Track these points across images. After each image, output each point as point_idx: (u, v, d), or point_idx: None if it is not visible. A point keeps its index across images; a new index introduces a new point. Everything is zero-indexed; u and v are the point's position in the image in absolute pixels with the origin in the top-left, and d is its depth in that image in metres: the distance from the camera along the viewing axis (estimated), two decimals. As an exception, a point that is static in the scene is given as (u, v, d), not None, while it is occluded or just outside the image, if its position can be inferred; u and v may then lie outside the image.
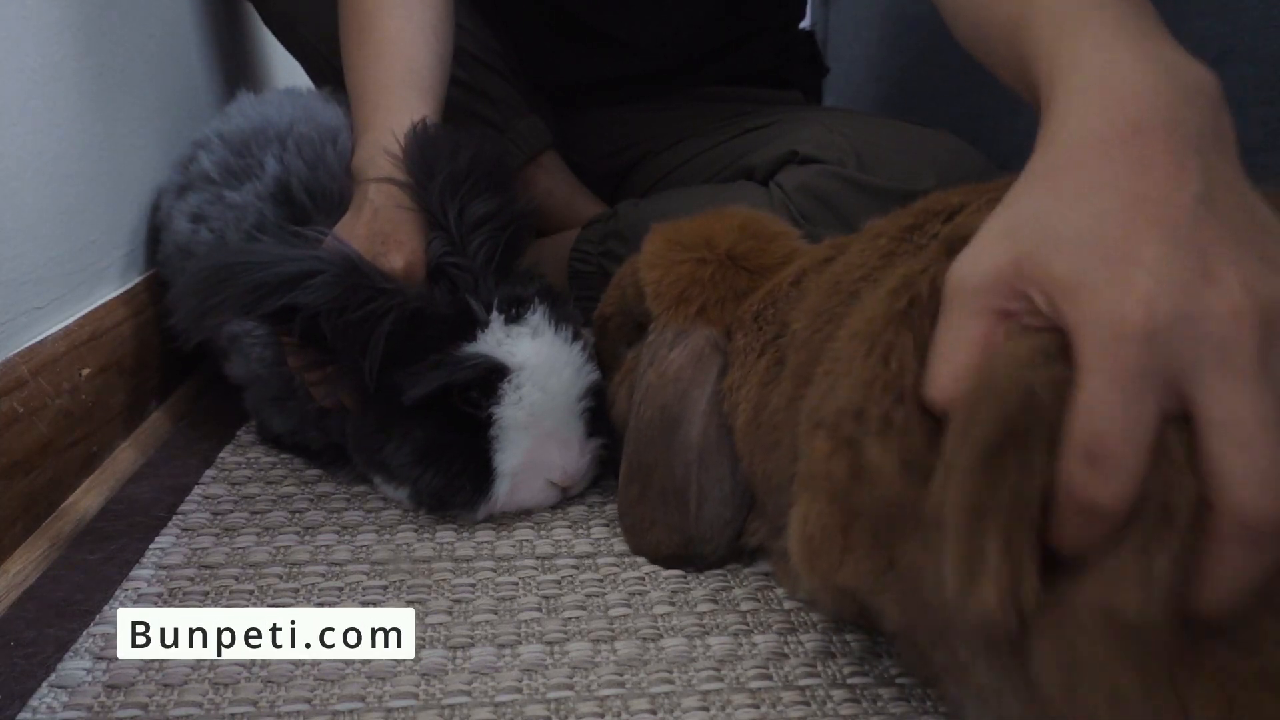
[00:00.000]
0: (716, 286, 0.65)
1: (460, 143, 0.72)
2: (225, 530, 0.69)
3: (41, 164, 0.75)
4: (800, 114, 1.15)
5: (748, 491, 0.62)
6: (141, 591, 0.61)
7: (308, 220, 0.73)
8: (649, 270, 0.67)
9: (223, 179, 0.81)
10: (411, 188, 0.70)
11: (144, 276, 0.92)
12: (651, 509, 0.63)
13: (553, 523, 0.70)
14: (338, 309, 0.62)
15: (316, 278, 0.62)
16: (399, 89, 0.80)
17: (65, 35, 0.79)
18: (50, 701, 0.51)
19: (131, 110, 0.92)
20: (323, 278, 0.62)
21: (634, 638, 0.57)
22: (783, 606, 0.60)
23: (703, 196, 1.06)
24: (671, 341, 0.64)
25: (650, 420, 0.63)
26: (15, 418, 0.67)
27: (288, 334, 0.66)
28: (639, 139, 1.27)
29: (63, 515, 0.71)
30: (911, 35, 1.60)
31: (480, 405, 0.66)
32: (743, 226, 0.68)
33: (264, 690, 0.52)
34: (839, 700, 0.52)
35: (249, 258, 0.63)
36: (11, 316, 0.70)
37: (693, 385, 0.62)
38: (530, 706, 0.51)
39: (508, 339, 0.67)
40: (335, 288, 0.62)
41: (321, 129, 0.81)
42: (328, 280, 0.62)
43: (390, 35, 0.82)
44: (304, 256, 0.63)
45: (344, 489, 0.76)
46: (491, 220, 0.70)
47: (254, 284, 0.61)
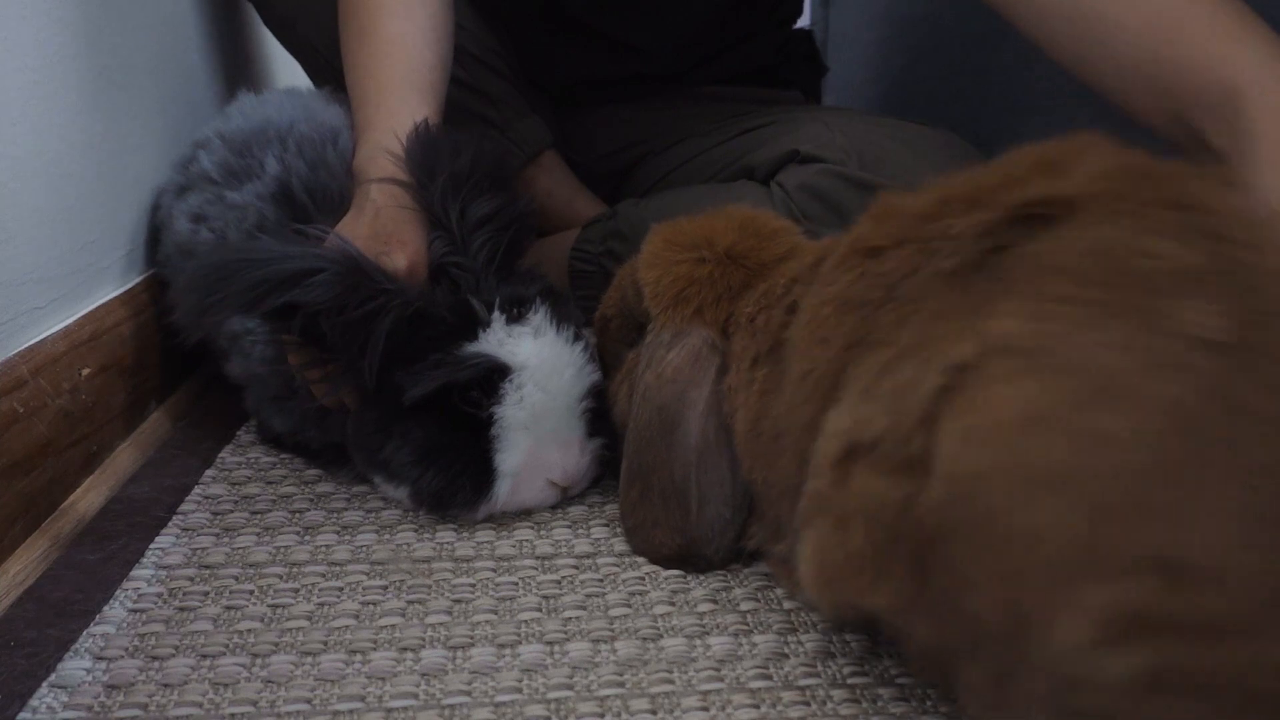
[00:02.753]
0: (715, 286, 0.65)
1: (461, 143, 0.72)
2: (225, 530, 0.69)
3: (41, 164, 0.75)
4: (800, 113, 1.15)
5: (748, 492, 0.62)
6: (141, 591, 0.61)
7: (308, 221, 0.73)
8: (647, 270, 0.67)
9: (223, 179, 0.81)
10: (413, 188, 0.70)
11: (144, 277, 0.92)
12: (653, 510, 0.63)
13: (553, 523, 0.70)
14: (337, 308, 0.63)
15: (317, 276, 0.62)
16: (400, 89, 0.80)
17: (65, 35, 0.79)
18: (50, 701, 0.51)
19: (131, 110, 0.92)
20: (323, 276, 0.62)
21: (634, 638, 0.57)
22: (783, 606, 0.60)
23: (703, 196, 1.06)
24: (669, 342, 0.64)
25: (648, 421, 0.63)
26: (15, 418, 0.67)
27: (288, 332, 0.66)
28: (640, 139, 1.27)
29: (63, 515, 0.71)
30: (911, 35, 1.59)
31: (481, 405, 0.66)
32: (742, 225, 0.68)
33: (264, 690, 0.52)
34: (839, 700, 0.51)
35: (250, 255, 0.63)
36: (11, 316, 0.70)
37: (690, 386, 0.62)
38: (530, 706, 0.51)
39: (509, 339, 0.67)
40: (336, 286, 0.62)
41: (322, 129, 0.81)
42: (328, 279, 0.62)
43: (391, 36, 0.82)
44: (305, 254, 0.63)
45: (344, 489, 0.76)
46: (492, 220, 0.70)
47: (255, 281, 0.61)
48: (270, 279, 0.61)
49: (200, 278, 0.63)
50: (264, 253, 0.63)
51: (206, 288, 0.62)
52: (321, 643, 0.56)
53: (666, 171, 1.23)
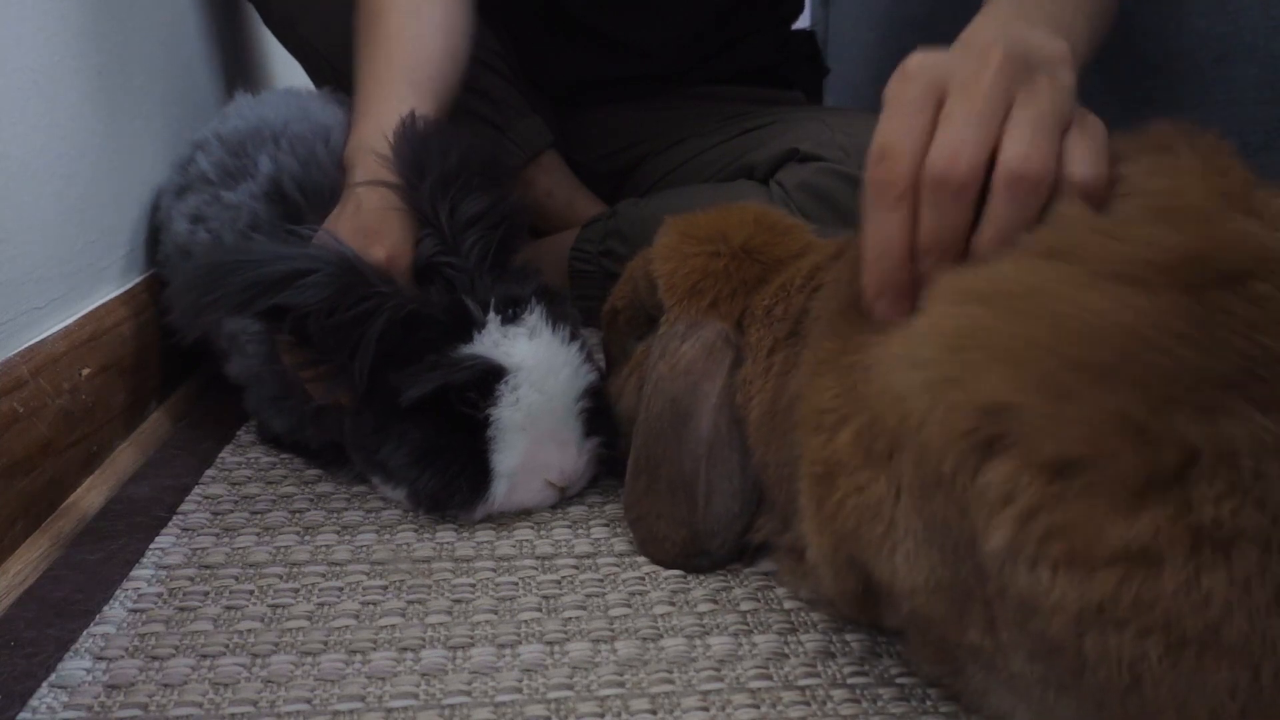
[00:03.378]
0: (729, 279, 0.65)
1: (451, 140, 0.71)
2: (225, 530, 0.69)
3: (42, 164, 0.75)
4: (800, 113, 1.15)
5: (757, 487, 0.62)
6: (141, 591, 0.61)
7: (301, 217, 0.73)
8: (662, 263, 0.67)
9: (220, 179, 0.81)
10: (401, 189, 0.69)
11: (144, 277, 0.92)
12: (659, 502, 0.63)
13: (553, 523, 0.70)
14: (327, 310, 0.62)
15: (310, 277, 0.62)
16: (395, 83, 0.80)
17: (65, 35, 0.79)
18: (50, 701, 0.51)
19: (131, 110, 0.92)
20: (315, 277, 0.62)
21: (634, 638, 0.57)
22: (783, 606, 0.60)
23: (703, 195, 1.06)
24: (683, 334, 0.64)
25: (660, 413, 0.63)
26: (15, 418, 0.67)
27: (281, 333, 0.66)
28: (640, 139, 1.27)
29: (63, 515, 0.71)
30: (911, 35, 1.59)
31: (477, 406, 0.66)
32: (757, 220, 0.68)
33: (264, 690, 0.52)
34: (839, 700, 0.51)
35: (244, 256, 0.64)
36: (11, 316, 0.70)
37: (704, 378, 0.62)
38: (530, 706, 0.51)
39: (505, 340, 0.66)
40: (327, 288, 0.62)
41: (315, 127, 0.81)
42: (320, 280, 0.62)
43: (392, 31, 0.83)
44: (299, 256, 0.63)
45: (344, 489, 0.76)
46: (484, 218, 0.70)
47: (247, 282, 0.61)
48: (263, 280, 0.61)
49: (195, 278, 0.63)
50: (258, 254, 0.64)
51: (201, 288, 0.62)
52: (321, 643, 0.56)
53: (667, 171, 1.23)
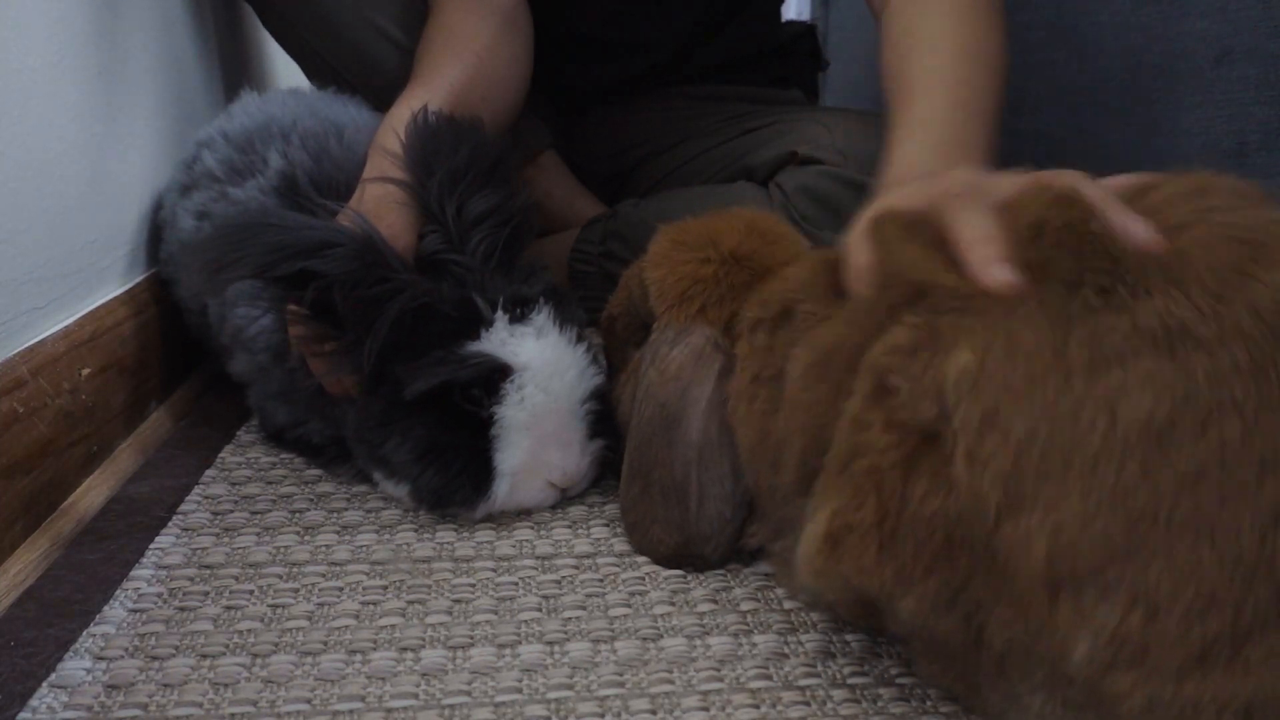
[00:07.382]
0: (719, 285, 0.65)
1: (462, 136, 0.72)
2: (225, 530, 0.69)
3: (42, 164, 0.75)
4: (800, 114, 1.15)
5: (749, 492, 0.62)
6: (141, 591, 0.61)
7: (312, 211, 0.73)
8: (653, 270, 0.67)
9: (227, 176, 0.81)
10: (409, 187, 0.70)
11: (145, 276, 0.92)
12: (652, 506, 0.63)
13: (553, 523, 0.70)
14: (353, 281, 0.63)
15: (336, 249, 0.63)
16: (443, 65, 0.85)
17: (65, 35, 0.79)
18: (50, 701, 0.51)
19: (131, 110, 0.92)
20: (342, 250, 0.63)
21: (634, 638, 0.57)
22: (783, 606, 0.60)
23: (703, 197, 1.06)
24: (672, 340, 0.64)
25: (650, 418, 0.63)
26: (15, 418, 0.67)
27: (297, 302, 0.66)
28: (640, 140, 1.27)
29: (63, 515, 0.71)
30: (912, 35, 1.59)
31: (482, 404, 0.66)
32: (748, 227, 0.68)
33: (264, 690, 0.52)
34: (839, 700, 0.52)
35: (272, 220, 0.65)
36: (11, 316, 0.70)
37: (693, 384, 0.62)
38: (530, 706, 0.51)
39: (512, 339, 0.67)
40: (353, 261, 0.63)
41: (325, 123, 0.81)
42: (347, 253, 0.63)
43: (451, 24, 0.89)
44: (325, 227, 0.65)
45: (344, 489, 0.76)
46: (491, 216, 0.70)
47: (275, 245, 0.62)
48: (289, 244, 0.62)
49: (219, 237, 0.64)
50: (286, 219, 0.65)
51: (225, 246, 0.62)
52: (321, 643, 0.56)
53: (667, 172, 1.23)
